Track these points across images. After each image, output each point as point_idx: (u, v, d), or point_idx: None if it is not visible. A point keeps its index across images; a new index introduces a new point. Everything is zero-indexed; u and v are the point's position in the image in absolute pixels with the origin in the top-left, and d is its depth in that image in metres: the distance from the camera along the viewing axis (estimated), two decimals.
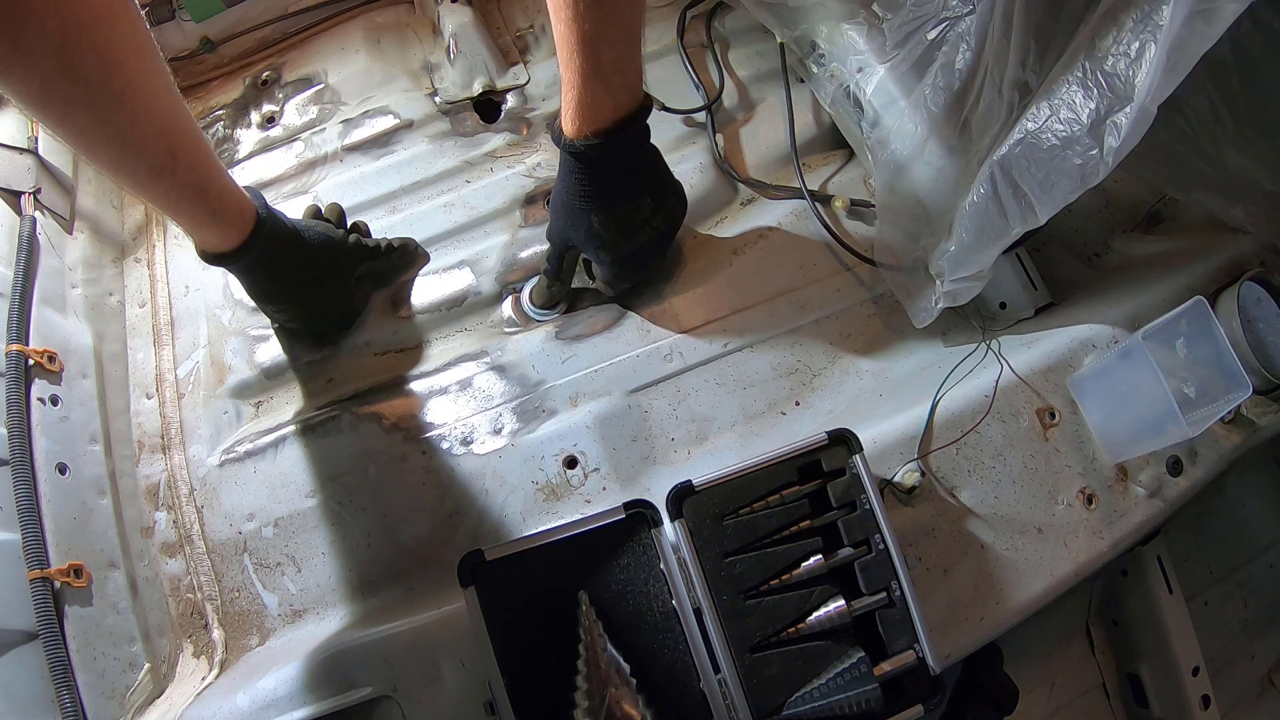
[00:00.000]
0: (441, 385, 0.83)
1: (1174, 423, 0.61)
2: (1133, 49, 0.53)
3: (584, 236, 0.74)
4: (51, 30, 0.48)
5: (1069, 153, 0.57)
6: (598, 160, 0.68)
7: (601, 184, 0.70)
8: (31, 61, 0.48)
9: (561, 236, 0.76)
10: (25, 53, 0.48)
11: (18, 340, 0.74)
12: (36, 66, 0.49)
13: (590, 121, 0.65)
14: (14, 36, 0.47)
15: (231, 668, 0.72)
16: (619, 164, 0.70)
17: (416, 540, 0.76)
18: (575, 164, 0.69)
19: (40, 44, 0.48)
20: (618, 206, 0.72)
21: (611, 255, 0.75)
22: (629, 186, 0.72)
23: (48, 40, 0.48)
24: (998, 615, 0.66)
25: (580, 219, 0.72)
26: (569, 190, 0.72)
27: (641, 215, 0.73)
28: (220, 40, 1.03)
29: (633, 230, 0.74)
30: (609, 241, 0.73)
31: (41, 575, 0.66)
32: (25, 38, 0.47)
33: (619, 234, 0.73)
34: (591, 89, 0.63)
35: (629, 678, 0.53)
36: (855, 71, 0.86)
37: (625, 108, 0.66)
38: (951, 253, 0.71)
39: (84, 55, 0.50)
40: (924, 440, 0.68)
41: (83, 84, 0.52)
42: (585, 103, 0.64)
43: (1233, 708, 0.89)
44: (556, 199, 0.74)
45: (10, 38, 0.47)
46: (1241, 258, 0.80)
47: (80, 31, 0.49)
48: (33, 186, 0.84)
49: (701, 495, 0.60)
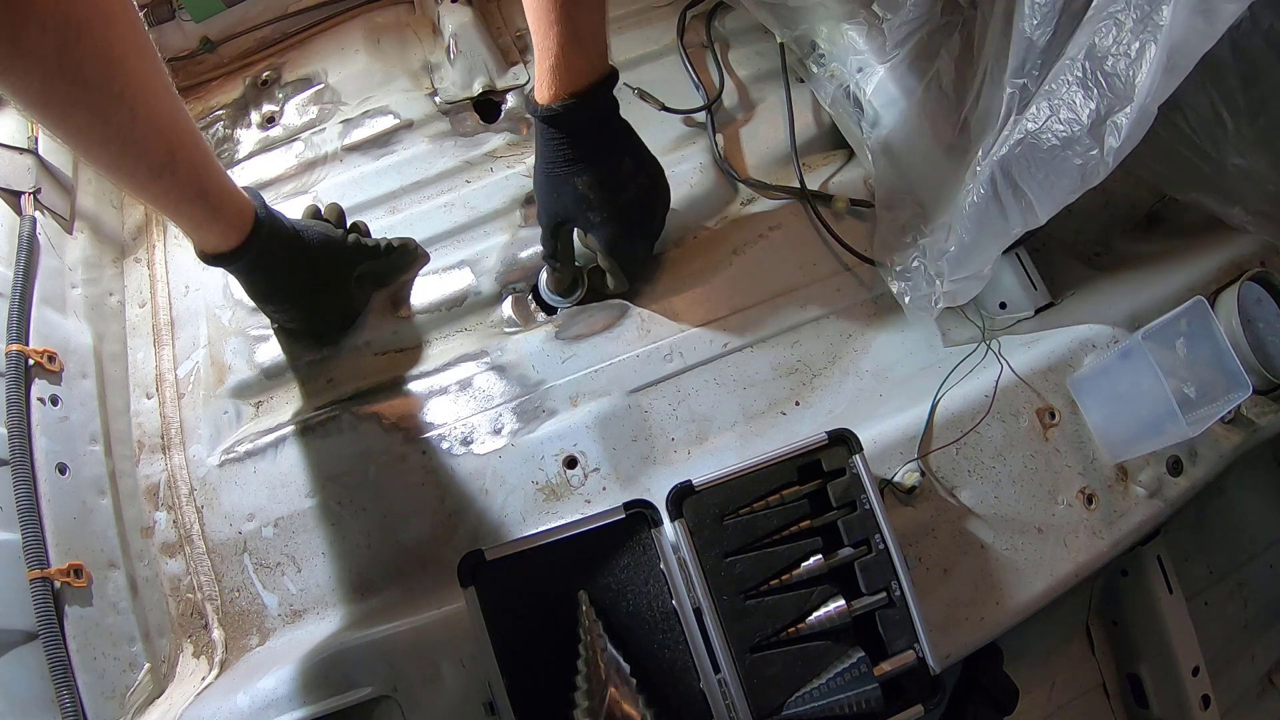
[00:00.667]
0: (441, 385, 0.83)
1: (1174, 423, 0.61)
2: (1133, 49, 0.53)
3: (571, 203, 0.75)
4: (51, 29, 0.48)
5: (1069, 153, 0.57)
6: (576, 121, 0.70)
7: (581, 146, 0.72)
8: (31, 61, 0.48)
9: (549, 212, 0.77)
10: (25, 52, 0.48)
11: (18, 340, 0.74)
12: (36, 66, 0.49)
13: (567, 84, 0.68)
14: (14, 35, 0.47)
15: (231, 668, 0.72)
16: (596, 126, 0.72)
17: (416, 540, 0.76)
18: (554, 131, 0.71)
19: (40, 43, 0.48)
20: (599, 165, 0.73)
21: (602, 215, 0.75)
22: (608, 147, 0.74)
23: (47, 39, 0.48)
24: (998, 615, 0.66)
25: (564, 186, 0.74)
26: (550, 159, 0.73)
27: (624, 172, 0.75)
28: (220, 40, 1.03)
29: (618, 188, 0.74)
30: (596, 201, 0.74)
31: (41, 575, 0.65)
32: (25, 36, 0.47)
33: (605, 192, 0.74)
34: (570, 54, 0.67)
35: (629, 678, 0.53)
36: (855, 71, 0.86)
37: (599, 72, 0.70)
38: (951, 253, 0.71)
39: (84, 55, 0.50)
40: (924, 440, 0.68)
41: (82, 84, 0.51)
42: (562, 68, 0.67)
43: (1233, 708, 0.89)
44: (539, 174, 0.76)
45: (10, 36, 0.46)
46: (1241, 258, 0.80)
47: (80, 31, 0.49)
48: (33, 186, 0.84)
49: (701, 495, 0.60)
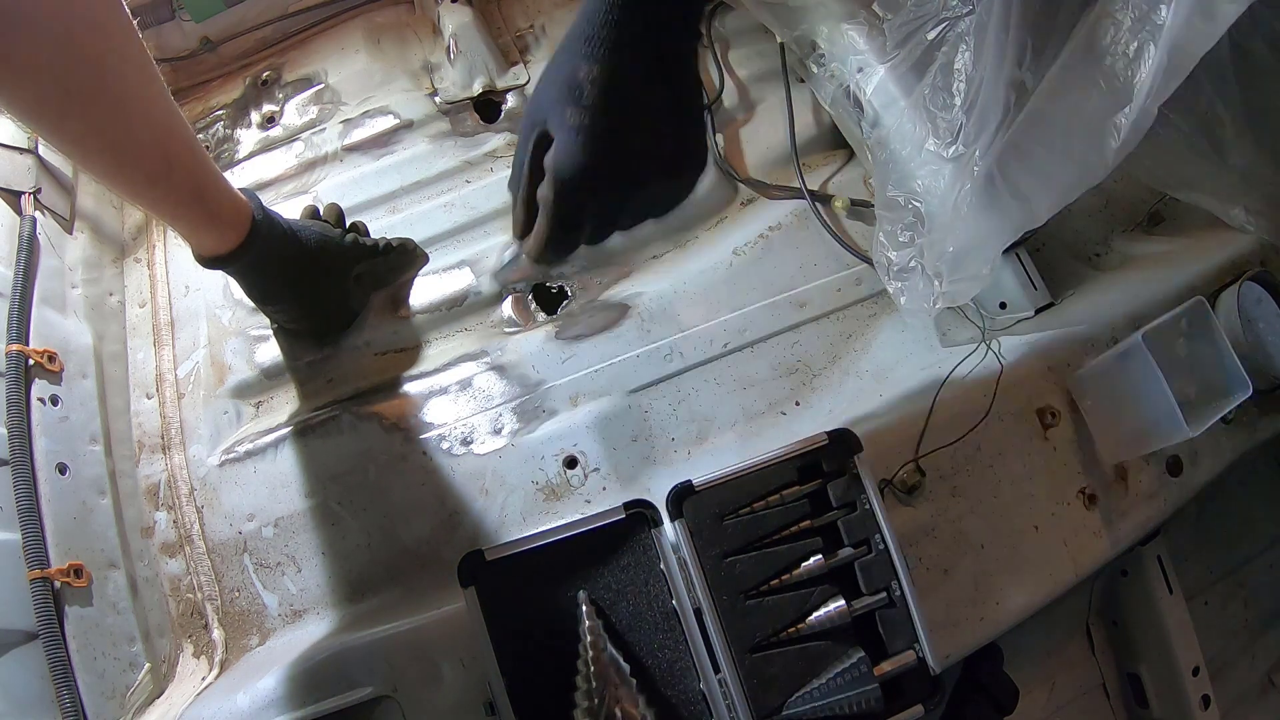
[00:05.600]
0: (441, 385, 0.82)
1: (1174, 423, 0.61)
2: (1133, 49, 0.53)
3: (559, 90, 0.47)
4: (45, 42, 0.48)
5: (1069, 153, 0.57)
6: None
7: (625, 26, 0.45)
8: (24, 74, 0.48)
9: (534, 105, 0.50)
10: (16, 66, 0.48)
11: (18, 340, 0.74)
12: (29, 78, 0.49)
13: None
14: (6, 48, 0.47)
15: (231, 668, 0.72)
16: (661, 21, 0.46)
17: (416, 540, 0.76)
18: None
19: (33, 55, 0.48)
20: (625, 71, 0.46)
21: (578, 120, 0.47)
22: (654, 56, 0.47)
23: (40, 53, 0.48)
24: (998, 615, 0.66)
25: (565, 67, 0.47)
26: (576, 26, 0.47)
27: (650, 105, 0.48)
28: (220, 40, 1.03)
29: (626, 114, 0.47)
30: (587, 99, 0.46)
31: (41, 575, 0.65)
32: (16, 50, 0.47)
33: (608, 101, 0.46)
34: None
35: (629, 678, 0.53)
36: (855, 71, 0.86)
37: None
38: (950, 253, 0.71)
39: (77, 65, 0.50)
40: (924, 440, 0.68)
41: (76, 94, 0.51)
42: None
43: (1233, 708, 0.89)
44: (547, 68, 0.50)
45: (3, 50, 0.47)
46: (1241, 258, 0.80)
47: (71, 42, 0.49)
48: (33, 186, 0.84)
49: (701, 495, 0.60)
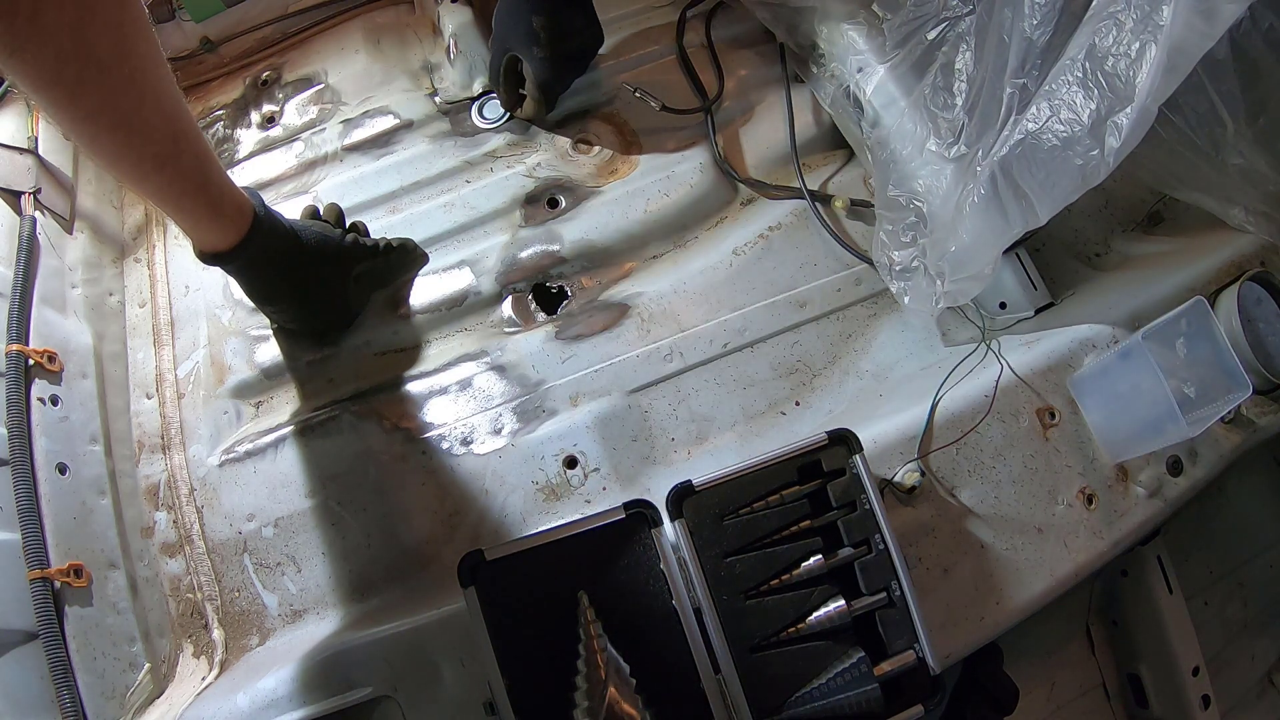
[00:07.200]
0: (441, 385, 0.82)
1: (1174, 423, 0.61)
2: (1133, 49, 0.53)
3: (522, 35, 0.86)
4: (69, 6, 0.48)
5: (1069, 153, 0.57)
6: None
7: None
8: (47, 37, 0.49)
9: (500, 40, 0.90)
10: (41, 28, 0.48)
11: (18, 340, 0.74)
12: (51, 42, 0.49)
13: None
14: (33, 10, 0.47)
15: (231, 668, 0.72)
16: None
17: (416, 540, 0.76)
18: None
19: (57, 20, 0.48)
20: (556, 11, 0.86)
21: (544, 54, 0.87)
22: None
23: (64, 16, 0.48)
24: (998, 615, 0.66)
25: (521, 21, 0.86)
26: None
27: (575, 25, 0.88)
28: (220, 40, 1.03)
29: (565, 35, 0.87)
30: (544, 40, 0.86)
31: (41, 575, 0.66)
32: (43, 12, 0.47)
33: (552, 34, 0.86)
34: None
35: (629, 678, 0.53)
36: (855, 71, 0.86)
37: None
38: (951, 253, 0.71)
39: (98, 34, 0.51)
40: (924, 440, 0.68)
41: (94, 64, 0.52)
42: None
43: (1233, 708, 0.89)
44: (502, 7, 0.88)
45: (29, 13, 0.47)
46: (1241, 258, 0.80)
47: (95, 10, 0.50)
48: (33, 186, 0.84)
49: (701, 495, 0.60)
